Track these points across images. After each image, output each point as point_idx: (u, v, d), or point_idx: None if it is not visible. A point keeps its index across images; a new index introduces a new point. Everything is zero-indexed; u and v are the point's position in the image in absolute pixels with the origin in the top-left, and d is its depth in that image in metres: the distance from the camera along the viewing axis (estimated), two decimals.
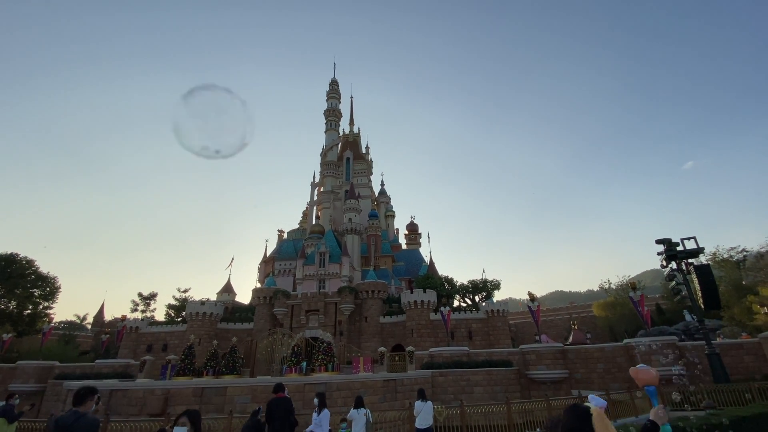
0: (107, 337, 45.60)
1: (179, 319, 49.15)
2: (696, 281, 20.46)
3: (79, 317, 68.67)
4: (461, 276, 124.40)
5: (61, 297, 52.65)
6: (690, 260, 21.31)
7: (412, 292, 41.45)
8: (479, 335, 39.17)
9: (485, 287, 45.40)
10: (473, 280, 46.65)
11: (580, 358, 26.40)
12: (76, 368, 34.01)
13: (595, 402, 2.34)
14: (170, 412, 15.40)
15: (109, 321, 65.65)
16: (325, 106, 72.10)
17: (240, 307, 51.98)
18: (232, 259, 58.10)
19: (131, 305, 56.65)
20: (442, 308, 35.42)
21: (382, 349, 27.83)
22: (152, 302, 57.75)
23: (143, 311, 56.31)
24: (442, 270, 62.32)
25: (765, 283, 31.89)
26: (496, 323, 39.06)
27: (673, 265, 21.51)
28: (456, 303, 46.40)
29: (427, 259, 57.99)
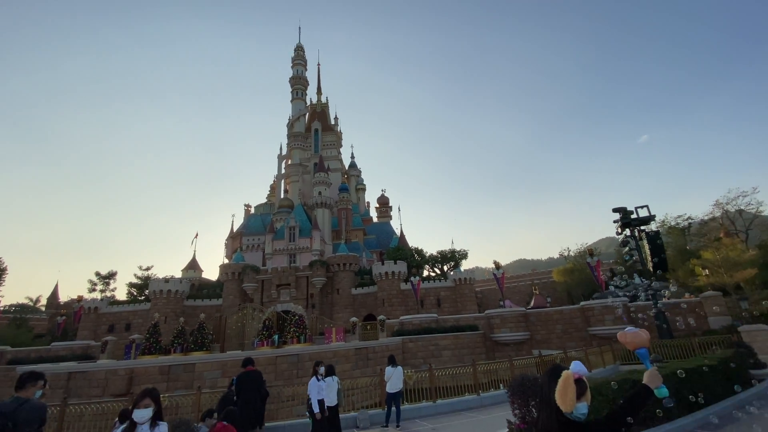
0: (63, 319, 43.44)
1: (142, 297, 47.38)
2: (647, 247, 21.89)
3: (31, 299, 64.71)
4: (431, 247, 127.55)
5: (10, 279, 49.21)
6: (642, 227, 22.65)
7: (383, 264, 41.95)
8: (447, 302, 40.55)
9: (453, 257, 46.66)
10: (442, 251, 47.76)
11: (541, 320, 28.01)
12: (31, 352, 32.32)
13: (575, 368, 2.32)
14: (134, 392, 14.97)
15: (65, 302, 62.31)
16: (290, 73, 68.86)
17: (207, 284, 50.76)
18: (197, 234, 55.96)
19: (88, 285, 53.91)
20: (412, 278, 36.19)
21: (353, 319, 28.24)
22: (112, 281, 55.18)
23: (102, 291, 53.77)
24: (413, 242, 63.42)
25: (707, 247, 34.65)
26: (464, 291, 40.49)
27: (627, 231, 22.82)
28: (426, 273, 47.54)
29: (398, 232, 58.54)
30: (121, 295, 53.53)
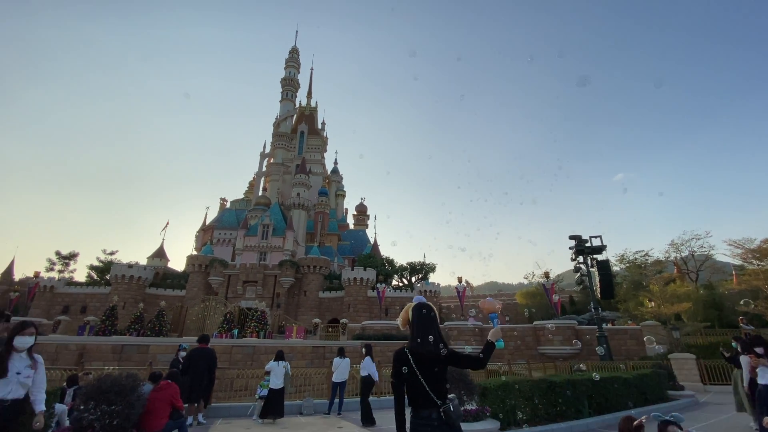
0: (17, 296, 41.71)
1: (102, 281, 46.02)
2: (597, 274, 23.45)
3: None
4: (403, 258, 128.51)
5: None
6: (595, 256, 24.24)
7: (353, 269, 42.48)
8: None
9: (422, 269, 47.72)
10: (412, 263, 48.78)
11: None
12: None
13: (415, 299, 3.14)
14: (84, 362, 14.96)
15: (20, 280, 59.51)
16: (282, 74, 69.44)
17: (172, 274, 49.80)
18: (167, 222, 55.05)
19: (47, 264, 51.82)
20: (378, 285, 36.87)
21: (316, 320, 28.62)
22: (72, 262, 53.16)
23: (61, 271, 51.76)
24: (386, 251, 64.12)
25: (656, 281, 37.01)
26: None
27: (581, 259, 24.37)
28: (394, 282, 48.31)
29: (372, 241, 59.26)
30: (81, 277, 51.72)
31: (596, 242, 24.16)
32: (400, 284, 47.97)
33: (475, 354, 2.95)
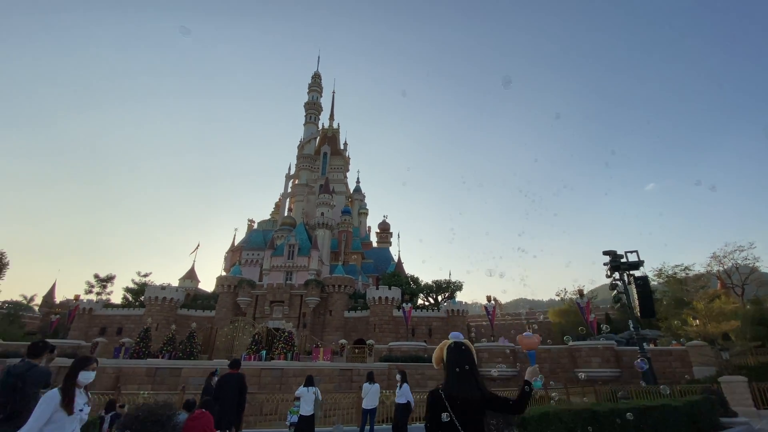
0: (57, 318, 43.68)
1: (137, 303, 47.65)
2: (635, 291, 22.23)
3: (25, 297, 64.94)
4: (428, 276, 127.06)
5: (10, 276, 49.89)
6: (632, 272, 23.06)
7: (377, 288, 42.20)
8: (439, 333, 40.42)
9: (448, 288, 46.83)
10: (437, 281, 48.03)
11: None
12: (20, 347, 32.50)
13: (452, 336, 3.01)
14: (120, 385, 15.34)
15: (61, 302, 62.54)
16: (306, 98, 71.69)
17: (202, 295, 51.04)
18: (198, 245, 56.84)
19: (86, 287, 54.25)
20: (403, 305, 36.37)
21: (342, 341, 28.41)
22: (109, 285, 55.46)
23: (98, 294, 54.04)
24: (410, 270, 63.61)
25: (701, 298, 34.76)
26: (456, 322, 40.46)
27: (617, 275, 23.23)
28: (420, 301, 47.59)
29: (396, 258, 58.97)
30: (117, 299, 53.79)
31: (632, 257, 23.07)
32: (426, 303, 47.19)
33: (514, 398, 2.78)
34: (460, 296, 48.03)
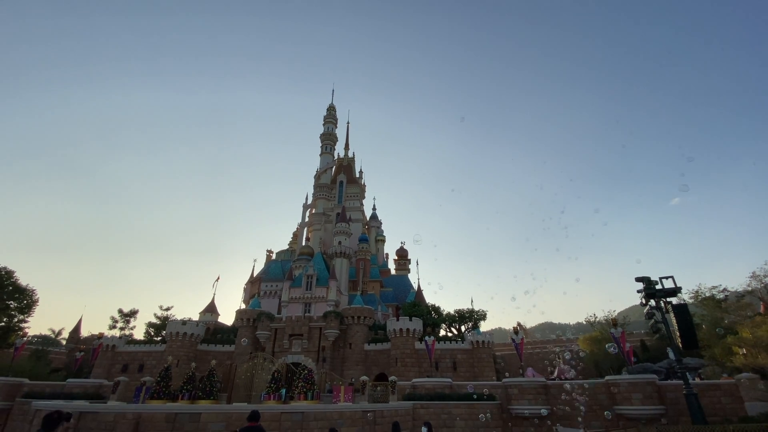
0: (81, 355, 44.17)
1: (159, 338, 47.81)
2: (674, 320, 20.81)
3: (54, 332, 66.33)
4: (449, 305, 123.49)
5: (38, 310, 51.19)
6: (668, 299, 21.70)
7: (398, 320, 41.11)
8: (464, 366, 38.73)
9: (471, 317, 45.27)
10: (460, 310, 46.54)
11: (562, 394, 26.26)
12: (46, 387, 32.76)
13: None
14: None
15: (86, 337, 63.51)
16: (321, 129, 73.51)
17: (222, 328, 50.90)
18: (218, 277, 57.16)
19: (110, 322, 55.06)
20: (426, 338, 35.15)
21: (364, 378, 27.40)
22: (132, 320, 56.17)
23: (122, 329, 54.70)
24: (430, 298, 62.19)
25: (743, 324, 32.35)
26: (481, 354, 38.76)
27: (652, 303, 21.90)
28: (442, 332, 46.07)
29: (415, 286, 57.89)
30: (140, 334, 54.27)
31: (668, 284, 21.77)
32: (449, 334, 45.62)
33: None
34: (483, 324, 46.34)
